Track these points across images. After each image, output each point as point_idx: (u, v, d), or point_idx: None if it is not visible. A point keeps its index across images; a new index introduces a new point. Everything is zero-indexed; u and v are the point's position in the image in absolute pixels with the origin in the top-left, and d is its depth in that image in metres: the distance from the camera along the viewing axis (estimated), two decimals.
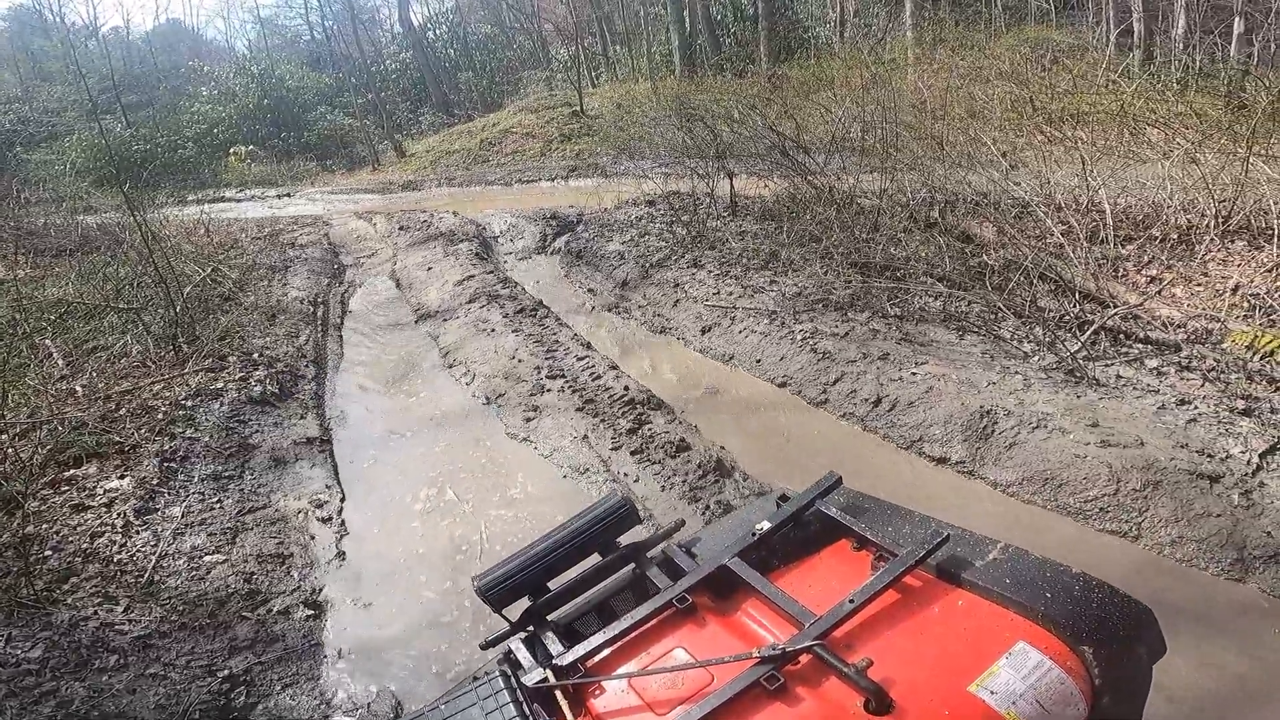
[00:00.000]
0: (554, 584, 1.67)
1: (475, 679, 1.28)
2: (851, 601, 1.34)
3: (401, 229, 10.30)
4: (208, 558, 3.88)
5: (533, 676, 1.40)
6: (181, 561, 3.82)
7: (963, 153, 6.31)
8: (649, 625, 1.49)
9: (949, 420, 4.20)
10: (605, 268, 7.55)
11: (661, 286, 6.71)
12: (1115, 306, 5.03)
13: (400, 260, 9.01)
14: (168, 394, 5.60)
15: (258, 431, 5.17)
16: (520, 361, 5.65)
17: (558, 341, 5.93)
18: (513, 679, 1.30)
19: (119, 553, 3.96)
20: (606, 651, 1.45)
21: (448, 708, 1.24)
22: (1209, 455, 3.54)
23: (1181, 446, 3.60)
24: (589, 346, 5.86)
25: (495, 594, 1.61)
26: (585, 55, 21.96)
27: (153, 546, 3.97)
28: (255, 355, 6.07)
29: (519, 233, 9.65)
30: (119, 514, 4.33)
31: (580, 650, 1.44)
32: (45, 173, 17.96)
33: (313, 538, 3.99)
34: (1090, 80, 8.60)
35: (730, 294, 6.18)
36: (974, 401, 4.23)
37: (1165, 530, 3.27)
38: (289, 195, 16.87)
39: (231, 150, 21.62)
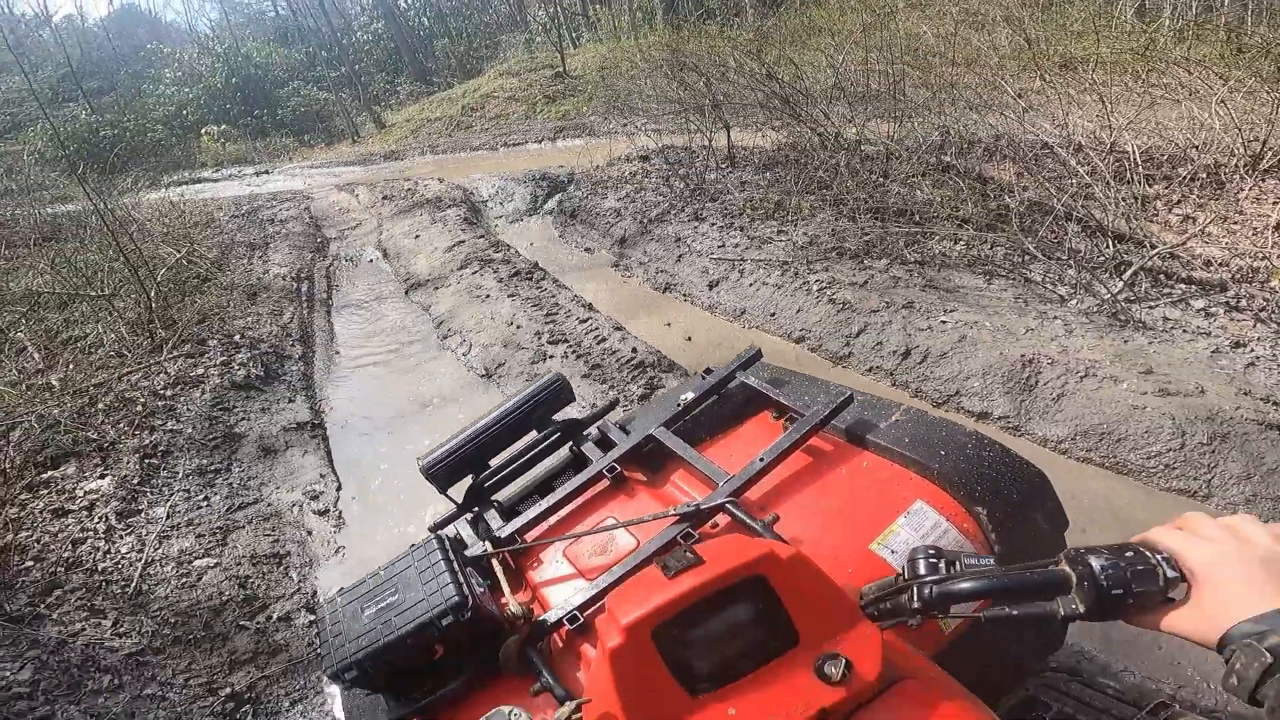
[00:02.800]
0: (495, 461, 1.66)
1: (412, 547, 1.26)
2: (761, 460, 1.34)
3: (385, 198, 9.72)
4: (198, 562, 3.50)
5: (474, 550, 1.40)
6: (170, 568, 3.43)
7: (976, 95, 5.82)
8: (583, 499, 1.49)
9: (988, 371, 3.83)
10: (601, 225, 7.07)
11: (663, 242, 6.26)
12: (1154, 246, 4.64)
13: (386, 230, 8.47)
14: (145, 384, 5.16)
15: (244, 419, 4.75)
16: (519, 328, 5.22)
17: (557, 304, 5.49)
18: (445, 540, 1.27)
19: (103, 560, 3.58)
20: (543, 524, 1.47)
21: (386, 573, 1.23)
22: (1275, 403, 3.19)
23: (1245, 394, 3.26)
24: (591, 308, 5.43)
25: (438, 472, 1.60)
26: (565, 16, 20.99)
27: (138, 553, 3.59)
28: (237, 337, 5.61)
29: (508, 195, 9.11)
30: (100, 518, 3.94)
31: (517, 523, 1.45)
32: (6, 165, 17.11)
33: (310, 533, 3.60)
34: (1096, 26, 8.07)
35: (737, 246, 5.74)
36: (1013, 350, 3.84)
37: (1238, 488, 2.94)
38: (267, 172, 16.13)
39: (204, 131, 20.69)
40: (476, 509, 1.62)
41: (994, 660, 1.23)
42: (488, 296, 5.79)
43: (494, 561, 1.35)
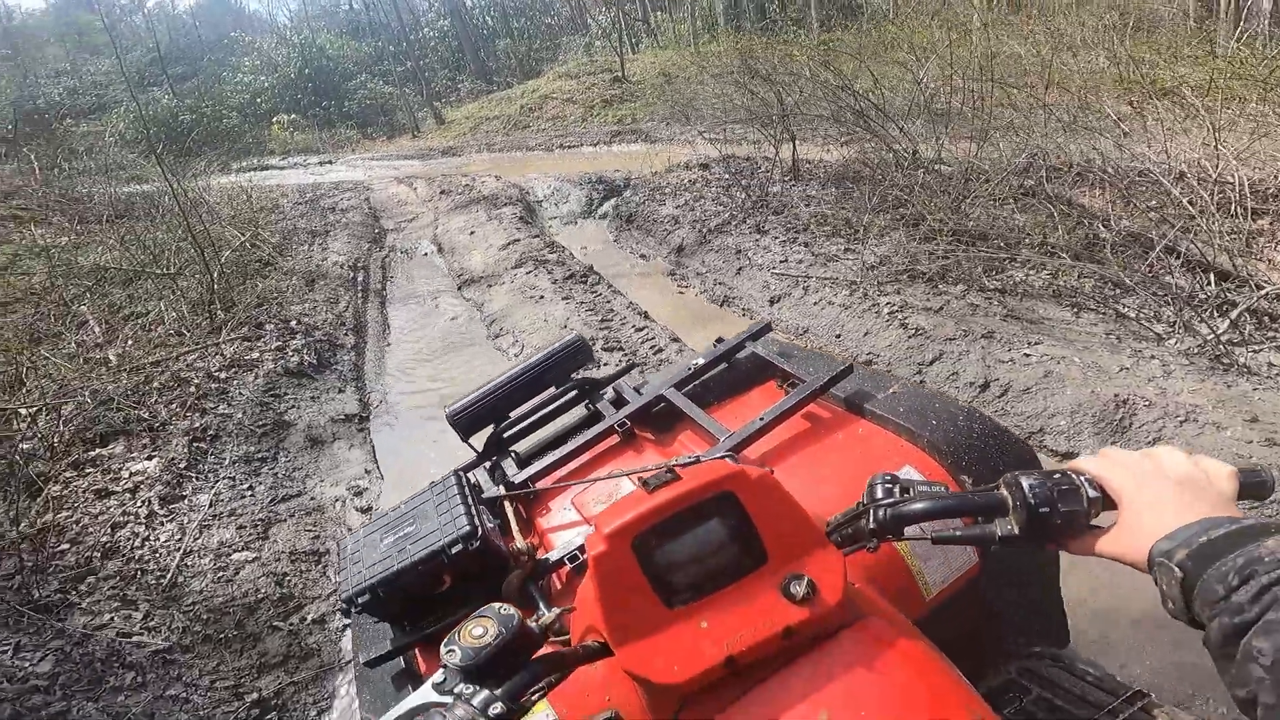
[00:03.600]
0: (516, 413, 1.73)
1: (431, 484, 1.33)
2: (761, 419, 1.40)
3: (443, 193, 9.69)
4: (236, 555, 3.38)
5: (489, 494, 1.46)
6: (208, 560, 3.32)
7: (1068, 116, 5.43)
8: (594, 452, 1.55)
9: (1076, 410, 3.53)
10: (658, 232, 6.86)
11: (722, 253, 6.01)
12: (1261, 286, 4.22)
13: (442, 224, 8.41)
14: (201, 364, 5.12)
15: (294, 407, 4.66)
16: (573, 331, 5.03)
17: (612, 310, 5.29)
18: (462, 477, 1.34)
19: (141, 547, 3.49)
20: (555, 474, 1.52)
21: (406, 505, 1.30)
22: None
23: None
24: (647, 316, 5.22)
25: (462, 420, 1.67)
26: (625, 21, 20.90)
27: (177, 541, 3.50)
28: (293, 323, 5.55)
29: (564, 197, 8.98)
30: (143, 501, 3.87)
31: (530, 470, 1.51)
32: (88, 144, 17.75)
33: (350, 530, 3.46)
34: (1190, 51, 7.55)
35: (800, 262, 5.47)
36: (1105, 389, 3.53)
37: None
38: (331, 162, 16.37)
39: (275, 119, 21.17)
40: (495, 457, 1.68)
41: (976, 633, 1.24)
42: (541, 298, 5.62)
43: (506, 504, 1.41)
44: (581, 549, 1.21)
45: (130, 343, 5.78)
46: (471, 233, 7.74)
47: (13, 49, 29.28)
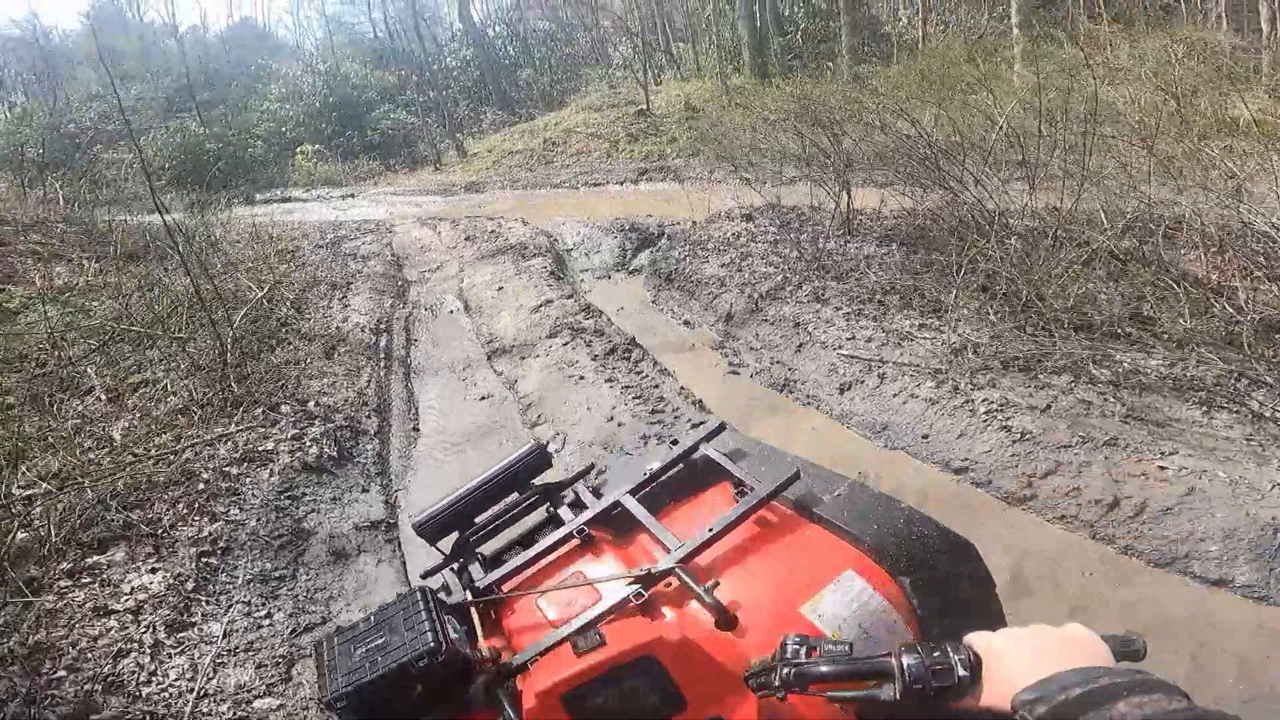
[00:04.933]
0: (480, 519, 1.79)
1: (399, 595, 1.37)
2: (710, 530, 1.43)
3: (468, 239, 9.16)
4: (259, 702, 2.86)
5: (455, 597, 1.52)
6: (225, 707, 2.79)
7: (1171, 166, 4.78)
8: (555, 555, 1.59)
9: (1229, 535, 3.00)
10: (703, 296, 6.26)
11: (778, 325, 5.40)
12: None
13: (467, 277, 7.86)
14: (211, 451, 4.56)
15: (313, 512, 4.08)
16: (621, 425, 4.43)
17: (662, 398, 4.69)
18: (428, 592, 1.38)
19: (147, 683, 2.96)
20: (518, 578, 1.57)
21: (375, 618, 1.35)
22: None
23: None
24: (702, 407, 4.60)
25: (428, 529, 1.73)
26: (647, 52, 20.50)
27: (189, 680, 2.96)
28: (311, 404, 4.98)
29: (595, 246, 8.41)
30: (148, 626, 3.32)
31: (495, 574, 1.57)
32: (114, 173, 17.50)
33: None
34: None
35: (870, 341, 4.85)
36: (1262, 511, 3.02)
37: None
38: (353, 196, 15.98)
39: (299, 150, 20.88)
40: (462, 559, 1.73)
41: None
42: (581, 378, 5.03)
43: (472, 609, 1.46)
44: (540, 654, 1.28)
45: (136, 416, 5.25)
46: (500, 288, 7.18)
47: (49, 71, 29.36)
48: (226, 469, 4.40)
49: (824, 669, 0.90)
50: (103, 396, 5.76)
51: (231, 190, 18.46)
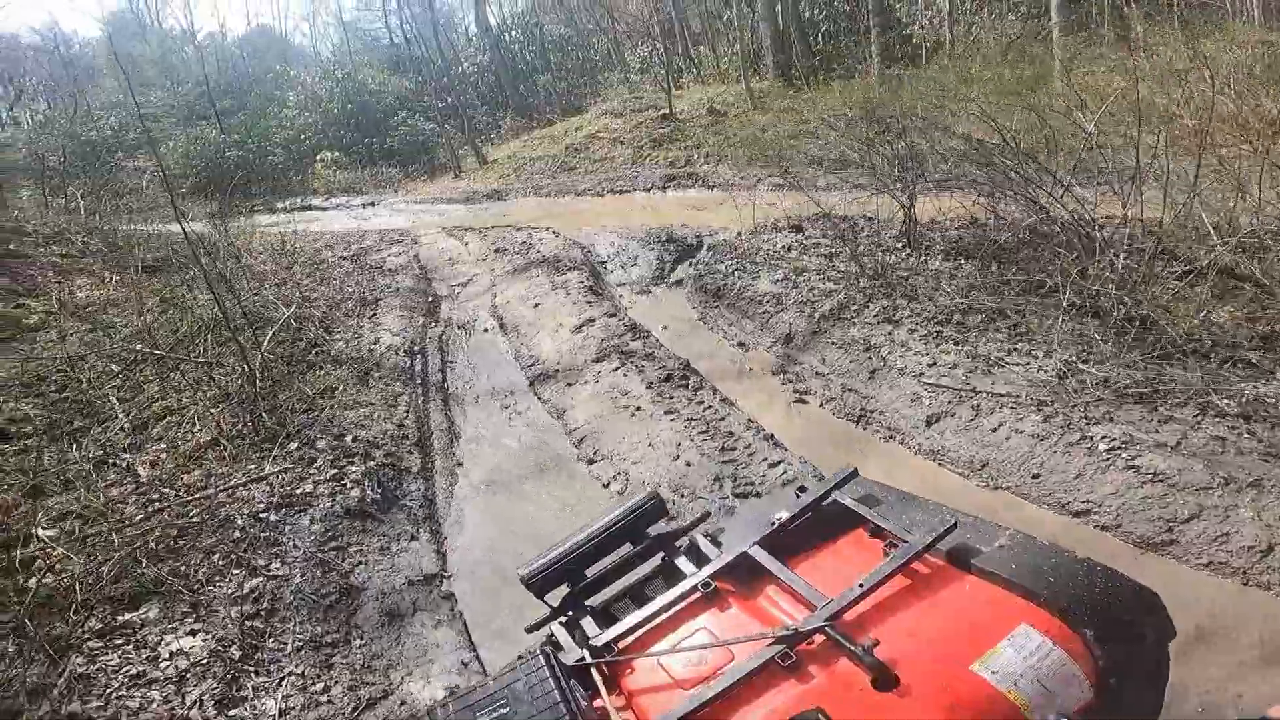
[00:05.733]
0: (591, 571, 1.74)
1: (520, 659, 1.41)
2: (861, 585, 1.36)
3: (498, 251, 8.74)
4: None
5: (571, 656, 1.46)
6: None
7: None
8: (677, 609, 1.54)
9: None
10: (756, 315, 5.81)
11: (846, 349, 4.95)
12: None
13: (501, 292, 7.44)
14: (244, 493, 4.17)
15: (361, 564, 3.68)
16: (689, 465, 4.00)
17: (731, 433, 4.25)
18: (553, 657, 1.36)
19: None
20: (638, 633, 1.51)
21: (495, 684, 1.32)
22: None
23: None
24: (774, 442, 4.17)
25: (537, 582, 1.70)
26: (667, 55, 20.01)
27: None
28: (348, 439, 4.58)
29: (630, 258, 7.97)
30: (195, 701, 2.96)
31: (614, 631, 1.50)
32: (135, 181, 17.24)
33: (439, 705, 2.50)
34: None
35: (955, 368, 4.39)
36: None
37: None
38: (373, 204, 15.61)
39: (318, 157, 20.53)
40: (571, 613, 1.65)
41: None
42: (637, 410, 4.60)
43: (593, 670, 1.39)
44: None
45: (163, 449, 4.87)
46: (536, 305, 6.75)
47: (69, 78, 29.23)
48: (263, 514, 4.00)
49: None
50: (126, 426, 5.40)
51: (252, 199, 18.18)
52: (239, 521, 3.95)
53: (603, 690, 1.33)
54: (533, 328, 6.30)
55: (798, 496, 1.73)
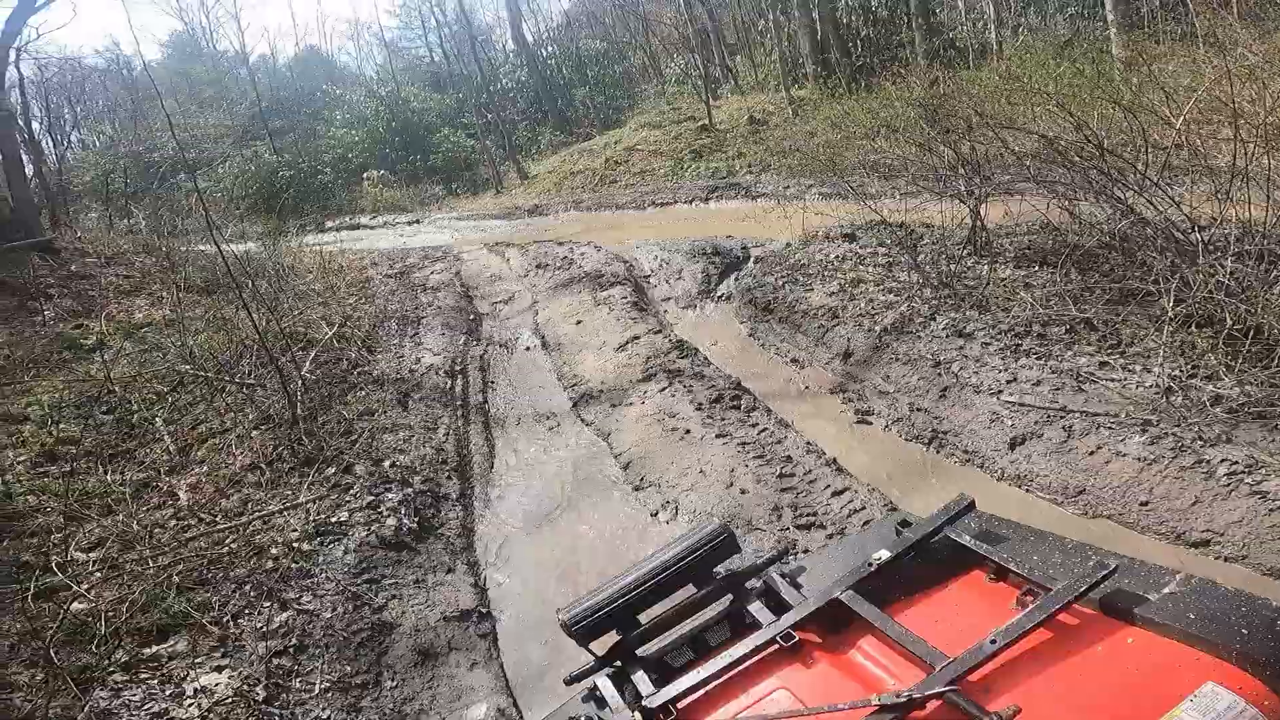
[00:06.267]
0: (645, 616, 1.49)
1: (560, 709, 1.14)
2: (993, 642, 1.10)
3: (539, 267, 8.57)
4: None
5: (620, 717, 1.26)
6: None
7: None
8: (750, 664, 1.29)
9: None
10: (811, 329, 5.44)
11: (913, 365, 4.55)
12: None
13: (543, 309, 7.24)
14: (280, 521, 3.99)
15: (395, 597, 3.45)
16: (744, 493, 3.67)
17: (789, 457, 3.90)
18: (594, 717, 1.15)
19: None
20: (702, 692, 1.27)
21: None
22: None
23: None
24: (837, 467, 3.80)
25: (582, 629, 1.43)
26: (704, 66, 19.79)
27: None
28: (386, 464, 4.38)
29: (674, 271, 7.68)
30: None
31: (673, 690, 1.26)
32: (191, 202, 17.81)
33: None
34: None
35: (1039, 385, 3.95)
36: None
37: None
38: (418, 222, 15.74)
39: (365, 175, 20.91)
40: (620, 664, 1.41)
41: None
42: (687, 433, 4.28)
43: None
44: None
45: (204, 473, 4.76)
46: (578, 321, 6.51)
47: (133, 102, 30.49)
48: (297, 544, 3.82)
49: None
50: (172, 448, 5.34)
51: (304, 217, 18.58)
52: (273, 550, 3.78)
53: None
54: (575, 345, 6.05)
55: (899, 533, 1.46)
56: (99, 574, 3.62)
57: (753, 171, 12.37)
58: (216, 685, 3.03)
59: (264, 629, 3.23)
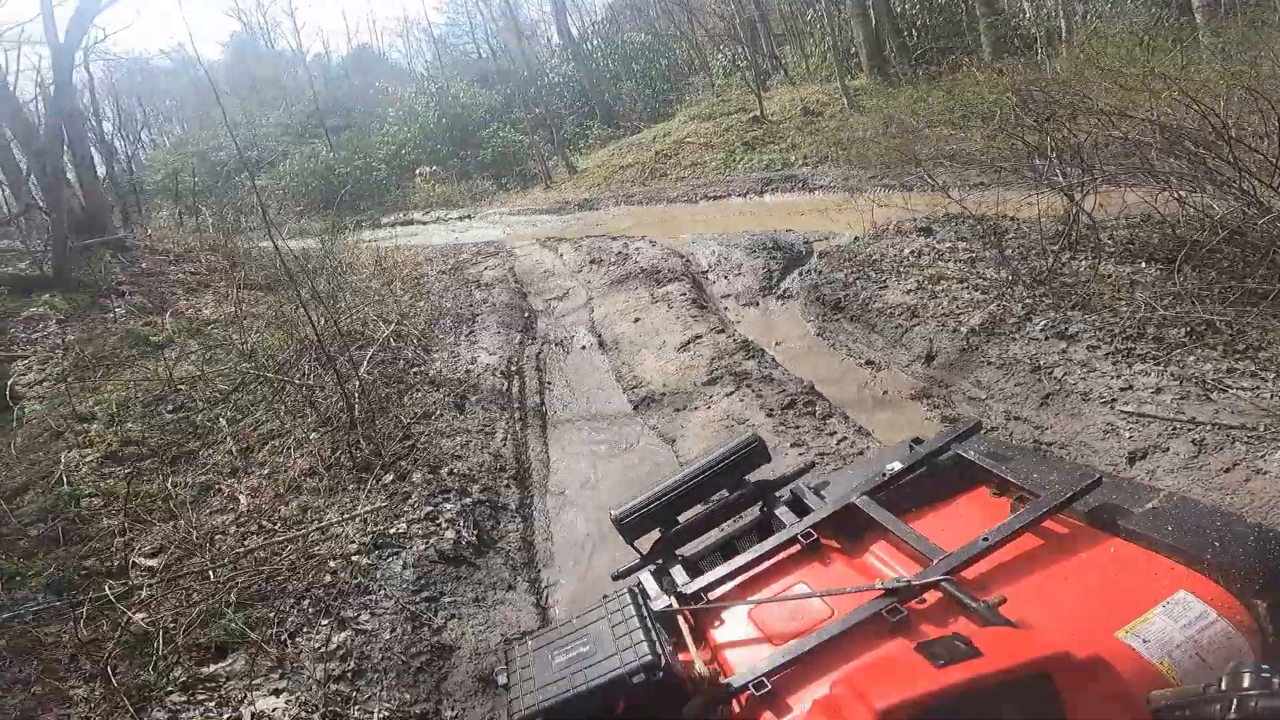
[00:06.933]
0: (685, 516, 1.64)
1: (605, 598, 1.24)
2: (986, 540, 1.23)
3: (593, 262, 8.30)
4: None
5: (658, 603, 1.36)
6: None
7: None
8: (774, 560, 1.42)
9: None
10: (887, 329, 5.03)
11: (1008, 369, 4.11)
12: None
13: (598, 306, 6.97)
14: (339, 529, 3.83)
15: (454, 617, 3.25)
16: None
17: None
18: (640, 597, 1.25)
19: None
20: (730, 584, 1.42)
21: (578, 621, 1.24)
22: None
23: None
24: None
25: (629, 524, 1.63)
26: (753, 57, 19.17)
27: None
28: (444, 471, 4.18)
29: (733, 266, 7.32)
30: None
31: (704, 580, 1.42)
32: (253, 201, 18.19)
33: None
34: None
35: (1160, 393, 3.49)
36: None
37: None
38: (470, 217, 15.69)
39: (418, 171, 21.04)
40: (662, 561, 1.56)
41: None
42: None
43: (679, 618, 1.30)
44: (769, 674, 1.09)
45: (265, 474, 4.67)
46: (636, 320, 6.22)
47: (199, 102, 31.45)
48: (355, 557, 3.64)
49: None
50: (234, 449, 5.28)
51: (360, 213, 18.79)
52: (331, 564, 3.61)
53: (688, 639, 1.22)
54: (634, 345, 5.77)
55: (912, 449, 1.57)
56: (159, 583, 3.53)
57: (809, 163, 11.85)
58: (274, 710, 2.87)
59: (322, 650, 3.07)
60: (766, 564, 1.41)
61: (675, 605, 1.31)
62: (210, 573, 3.62)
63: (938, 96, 6.69)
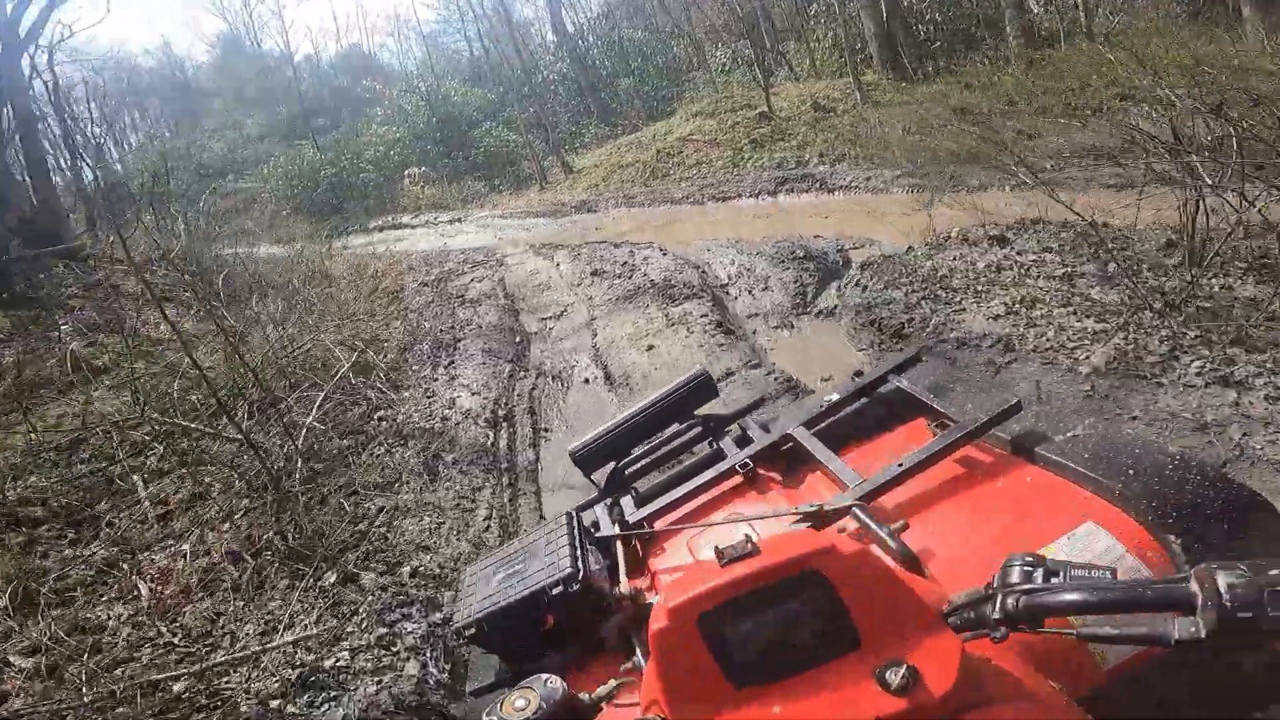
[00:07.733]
0: (638, 450, 1.68)
1: (544, 520, 1.30)
2: (900, 465, 1.23)
3: (595, 274, 7.20)
4: None
5: (604, 533, 1.42)
6: None
7: None
8: (714, 491, 1.46)
9: None
10: (973, 366, 3.94)
11: (1159, 426, 3.04)
12: None
13: (603, 329, 5.86)
14: (257, 654, 2.73)
15: None
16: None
17: None
18: (576, 518, 1.27)
19: None
20: (672, 514, 1.45)
21: (519, 542, 1.25)
22: None
23: None
24: None
25: (585, 456, 1.65)
26: (758, 53, 18.12)
27: None
28: (407, 571, 3.07)
29: (758, 279, 6.22)
30: None
31: (647, 510, 1.46)
32: (234, 204, 17.05)
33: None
34: None
35: None
36: None
37: None
38: (459, 220, 14.59)
39: (406, 173, 19.89)
40: (616, 494, 1.59)
41: (1177, 707, 0.92)
42: None
43: (618, 544, 1.34)
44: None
45: (178, 551, 3.59)
46: (650, 347, 5.13)
47: (185, 102, 30.24)
48: (275, 702, 2.54)
49: (1073, 597, 0.64)
50: (149, 514, 4.20)
51: (347, 217, 17.64)
52: (242, 708, 2.52)
53: (621, 565, 1.26)
54: (648, 381, 4.67)
55: (853, 380, 1.61)
56: (34, 691, 2.51)
57: (826, 160, 10.78)
58: None
59: None
60: (708, 494, 1.42)
61: (618, 531, 1.33)
62: (83, 690, 2.59)
63: (1029, 79, 5.60)
